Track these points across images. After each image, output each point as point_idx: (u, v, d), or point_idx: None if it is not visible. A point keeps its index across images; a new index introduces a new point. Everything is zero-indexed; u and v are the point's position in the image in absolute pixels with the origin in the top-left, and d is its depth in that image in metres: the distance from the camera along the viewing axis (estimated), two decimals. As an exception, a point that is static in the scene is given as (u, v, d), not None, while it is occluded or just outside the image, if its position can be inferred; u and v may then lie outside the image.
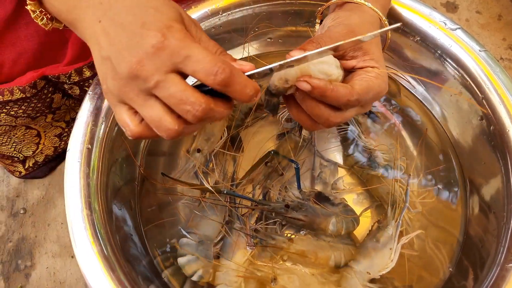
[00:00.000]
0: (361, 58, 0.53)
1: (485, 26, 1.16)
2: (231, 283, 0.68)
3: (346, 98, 0.49)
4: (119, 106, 0.44)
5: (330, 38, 0.50)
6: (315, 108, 0.50)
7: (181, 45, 0.40)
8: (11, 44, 0.69)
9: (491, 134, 0.68)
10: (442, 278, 0.71)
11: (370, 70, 0.52)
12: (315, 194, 0.75)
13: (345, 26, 0.53)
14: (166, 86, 0.40)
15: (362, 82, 0.50)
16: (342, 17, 0.55)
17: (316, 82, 0.46)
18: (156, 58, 0.40)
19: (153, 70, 0.40)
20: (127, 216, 0.71)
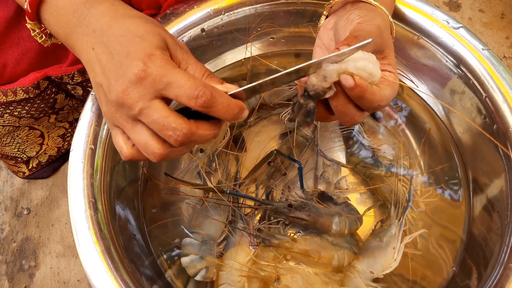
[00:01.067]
0: (381, 61, 0.52)
1: (488, 24, 1.16)
2: (234, 283, 0.68)
3: (378, 103, 0.48)
4: (114, 129, 0.47)
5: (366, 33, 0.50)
6: (344, 105, 0.49)
7: (162, 72, 0.41)
8: (14, 44, 0.69)
9: (495, 132, 0.67)
10: (445, 277, 0.70)
11: (388, 75, 0.52)
12: (318, 194, 0.75)
13: (376, 27, 0.51)
14: (149, 113, 0.42)
15: (388, 88, 0.50)
16: (370, 16, 0.54)
17: (360, 81, 0.45)
18: (139, 87, 0.41)
19: (137, 98, 0.42)
20: (131, 216, 0.71)
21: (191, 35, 0.76)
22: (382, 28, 0.52)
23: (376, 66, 0.47)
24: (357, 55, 0.46)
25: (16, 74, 0.71)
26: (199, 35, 0.77)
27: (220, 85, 0.46)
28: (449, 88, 0.75)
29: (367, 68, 0.46)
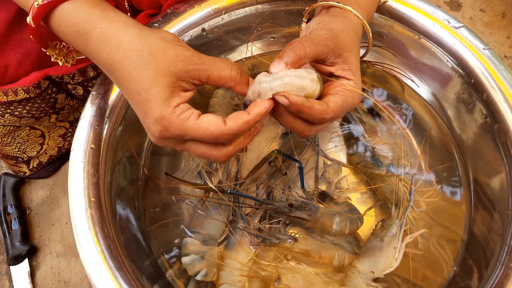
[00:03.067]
0: (340, 66, 0.53)
1: (489, 24, 1.16)
2: (235, 283, 0.68)
3: (321, 116, 0.49)
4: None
5: (312, 41, 0.50)
6: (290, 122, 0.51)
7: (181, 132, 0.46)
8: (15, 45, 0.69)
9: (496, 132, 0.67)
10: (446, 277, 0.70)
11: (346, 83, 0.52)
12: (318, 193, 0.75)
13: (328, 30, 0.52)
14: (189, 151, 0.50)
15: (337, 99, 0.51)
16: (326, 21, 0.55)
17: (294, 98, 0.47)
18: (168, 140, 0.48)
19: (172, 144, 0.49)
20: (131, 215, 0.71)
21: (192, 35, 0.76)
22: (337, 31, 0.53)
23: (305, 80, 0.47)
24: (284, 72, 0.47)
25: (18, 75, 0.71)
26: (199, 35, 0.77)
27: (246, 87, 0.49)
28: (450, 88, 0.75)
29: (295, 83, 0.47)
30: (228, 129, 0.46)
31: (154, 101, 0.45)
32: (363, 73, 0.84)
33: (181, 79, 0.46)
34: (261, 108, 0.47)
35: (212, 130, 0.46)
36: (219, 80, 0.48)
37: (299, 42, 0.50)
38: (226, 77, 0.48)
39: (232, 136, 0.46)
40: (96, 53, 0.49)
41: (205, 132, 0.46)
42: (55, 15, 0.49)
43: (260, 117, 0.47)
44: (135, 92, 0.47)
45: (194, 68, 0.46)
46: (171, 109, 0.45)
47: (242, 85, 0.49)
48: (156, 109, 0.45)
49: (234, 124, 0.46)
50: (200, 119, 0.46)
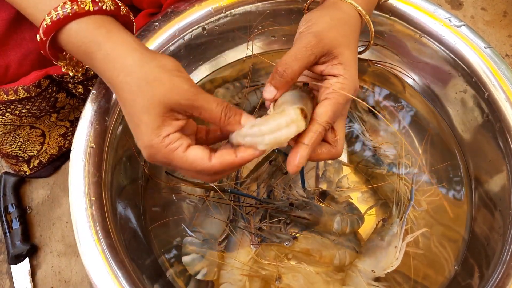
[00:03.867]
0: (330, 63, 0.53)
1: (490, 23, 1.15)
2: (236, 282, 0.68)
3: (323, 134, 0.50)
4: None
5: (296, 58, 0.50)
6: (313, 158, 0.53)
7: (164, 161, 0.48)
8: (16, 45, 0.69)
9: (497, 131, 0.67)
10: (447, 276, 0.70)
11: (334, 81, 0.52)
12: (319, 193, 0.75)
13: (314, 35, 0.52)
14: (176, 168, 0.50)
15: (327, 109, 0.50)
16: (313, 19, 0.54)
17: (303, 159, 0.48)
18: (157, 162, 0.50)
19: (162, 165, 0.51)
20: (132, 215, 0.71)
21: (192, 34, 0.76)
22: (324, 32, 0.52)
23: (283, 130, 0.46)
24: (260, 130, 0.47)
25: (19, 75, 0.71)
26: (200, 34, 0.77)
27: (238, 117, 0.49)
28: (451, 87, 0.75)
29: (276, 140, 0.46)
30: (212, 166, 0.47)
31: (145, 129, 0.47)
32: (364, 72, 0.84)
33: (174, 110, 0.47)
34: (249, 156, 0.48)
35: (196, 164, 0.47)
36: (209, 119, 0.49)
37: (283, 65, 0.50)
38: (216, 119, 0.49)
39: (213, 173, 0.48)
40: (100, 72, 0.51)
41: (190, 166, 0.48)
42: (63, 33, 0.50)
43: (245, 162, 0.48)
44: (129, 115, 0.49)
45: (187, 104, 0.47)
46: (160, 138, 0.47)
47: (231, 126, 0.49)
48: (145, 137, 0.47)
49: (218, 163, 0.47)
50: (187, 151, 0.48)
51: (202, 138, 0.54)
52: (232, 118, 0.49)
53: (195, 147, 0.48)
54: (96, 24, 0.50)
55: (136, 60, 0.48)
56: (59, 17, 0.49)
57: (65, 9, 0.49)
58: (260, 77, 0.86)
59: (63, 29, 0.50)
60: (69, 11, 0.49)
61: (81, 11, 0.49)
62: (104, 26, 0.50)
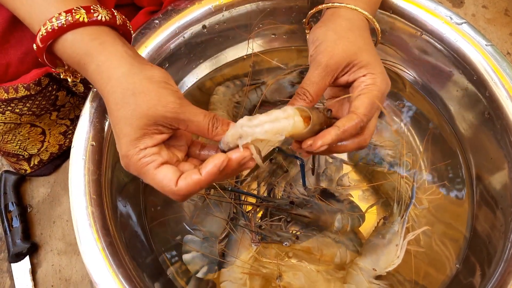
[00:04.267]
0: (351, 71, 0.54)
1: (491, 21, 1.15)
2: (236, 280, 0.68)
3: (358, 126, 0.50)
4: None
5: (312, 82, 0.53)
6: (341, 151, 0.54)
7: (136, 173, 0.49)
8: (17, 43, 0.69)
9: (498, 129, 0.67)
10: (448, 275, 0.70)
11: (364, 79, 0.53)
12: (320, 191, 0.75)
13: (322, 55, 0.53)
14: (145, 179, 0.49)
15: (363, 101, 0.51)
16: (319, 38, 0.55)
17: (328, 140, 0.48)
18: (130, 171, 0.49)
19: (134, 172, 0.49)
20: (132, 213, 0.71)
21: (192, 32, 0.76)
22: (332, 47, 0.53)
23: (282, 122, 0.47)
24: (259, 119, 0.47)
25: (19, 73, 0.71)
26: (200, 32, 0.77)
27: (226, 127, 0.48)
28: (452, 84, 0.75)
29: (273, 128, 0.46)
30: (178, 189, 0.46)
31: (124, 140, 0.47)
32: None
33: (158, 123, 0.47)
34: (212, 167, 0.45)
35: (163, 185, 0.47)
36: (197, 132, 0.49)
37: (303, 91, 0.52)
38: (203, 130, 0.48)
39: (181, 196, 0.47)
40: (92, 82, 0.52)
41: (156, 184, 0.47)
42: (58, 44, 0.51)
43: (212, 176, 0.46)
44: (113, 124, 0.49)
45: (172, 116, 0.47)
46: (136, 150, 0.47)
47: (219, 137, 0.49)
48: (123, 147, 0.48)
49: (184, 185, 0.46)
50: (157, 169, 0.47)
51: (195, 152, 0.53)
52: (220, 129, 0.49)
53: (167, 167, 0.47)
54: (91, 36, 0.50)
55: (125, 72, 0.48)
56: (53, 28, 0.49)
57: (59, 20, 0.49)
58: (260, 75, 0.85)
59: (59, 40, 0.50)
60: (64, 23, 0.49)
61: (75, 22, 0.49)
62: (99, 38, 0.50)
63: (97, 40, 0.50)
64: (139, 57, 0.51)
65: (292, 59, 0.86)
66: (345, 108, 0.57)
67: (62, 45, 0.50)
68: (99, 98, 0.65)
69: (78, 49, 0.50)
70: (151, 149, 0.47)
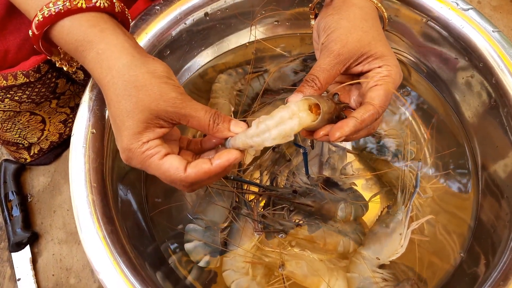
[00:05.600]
0: (366, 61, 0.53)
1: (497, 8, 1.14)
2: (239, 269, 0.67)
3: (374, 117, 0.50)
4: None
5: (322, 70, 0.52)
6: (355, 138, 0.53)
7: (139, 166, 0.49)
8: (15, 30, 0.68)
9: (504, 116, 0.66)
10: (453, 264, 0.70)
11: (379, 70, 0.52)
12: (323, 180, 0.75)
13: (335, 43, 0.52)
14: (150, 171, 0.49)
15: (379, 92, 0.51)
16: (332, 26, 0.54)
17: (346, 131, 0.48)
18: (132, 164, 0.49)
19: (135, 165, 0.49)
20: (134, 201, 0.70)
21: (194, 19, 0.75)
22: (345, 36, 0.53)
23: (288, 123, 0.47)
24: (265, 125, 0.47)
25: (18, 60, 0.70)
26: (202, 19, 0.76)
27: (227, 124, 0.49)
28: (458, 72, 0.74)
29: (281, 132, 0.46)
30: (186, 177, 0.47)
31: (126, 133, 0.47)
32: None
33: (159, 117, 0.47)
34: (224, 161, 0.47)
35: (170, 174, 0.47)
36: (198, 127, 0.49)
37: (313, 77, 0.51)
38: (204, 126, 0.48)
39: (189, 184, 0.48)
40: (90, 70, 0.51)
41: (163, 174, 0.47)
42: (55, 30, 0.50)
43: (222, 169, 0.47)
44: (113, 117, 0.48)
45: (174, 111, 0.47)
46: (139, 144, 0.47)
47: (220, 133, 0.49)
48: (125, 140, 0.47)
49: (193, 173, 0.47)
50: (162, 160, 0.47)
51: (183, 147, 0.54)
52: (221, 125, 0.48)
53: (172, 156, 0.48)
54: (89, 23, 0.49)
55: (126, 63, 0.48)
56: (50, 14, 0.48)
57: (57, 5, 0.48)
58: (263, 63, 0.84)
59: (56, 26, 0.49)
60: (61, 8, 0.48)
61: (73, 8, 0.48)
62: (98, 25, 0.50)
63: (96, 27, 0.49)
64: (139, 48, 0.51)
65: (295, 46, 0.85)
66: (352, 95, 0.56)
67: (59, 31, 0.49)
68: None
69: (76, 35, 0.49)
70: (154, 142, 0.47)
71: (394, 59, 0.54)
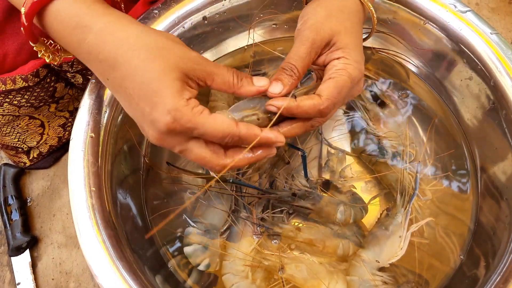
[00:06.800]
0: (329, 50, 0.53)
1: (495, 10, 1.14)
2: (238, 272, 0.67)
3: (316, 108, 0.49)
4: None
5: (298, 56, 0.51)
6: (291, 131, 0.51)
7: (191, 125, 0.45)
8: (14, 34, 0.68)
9: (503, 118, 0.66)
10: (452, 267, 0.69)
11: (336, 63, 0.51)
12: (322, 182, 0.74)
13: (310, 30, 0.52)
14: (187, 153, 0.48)
15: (329, 85, 0.50)
16: (309, 14, 0.54)
17: (279, 104, 0.48)
18: (173, 136, 0.46)
19: (174, 143, 0.47)
20: (133, 205, 0.70)
21: (192, 22, 0.75)
22: (320, 23, 0.52)
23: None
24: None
25: (17, 64, 0.70)
26: (200, 23, 0.76)
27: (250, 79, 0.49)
28: (456, 74, 0.74)
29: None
30: (238, 130, 0.46)
31: (166, 92, 0.44)
32: (368, 60, 0.83)
33: (189, 76, 0.46)
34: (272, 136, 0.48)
35: (224, 127, 0.46)
36: (223, 84, 0.48)
37: (291, 66, 0.50)
38: (229, 83, 0.48)
39: (239, 139, 0.47)
40: (95, 47, 0.47)
41: (216, 129, 0.45)
42: (50, 9, 0.47)
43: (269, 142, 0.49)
44: (143, 84, 0.45)
45: (200, 68, 0.46)
46: (185, 101, 0.45)
47: (244, 88, 0.49)
48: (169, 100, 0.44)
49: (245, 129, 0.47)
50: (213, 115, 0.46)
51: None
52: (245, 81, 0.49)
53: (219, 113, 0.48)
54: (86, 3, 0.47)
55: (141, 30, 0.47)
56: None
57: None
58: (261, 65, 0.85)
59: (51, 4, 0.47)
60: None
61: None
62: (99, 2, 0.48)
63: (99, 3, 0.48)
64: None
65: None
66: None
67: (56, 8, 0.47)
68: (98, 89, 0.64)
69: (78, 9, 0.47)
70: (195, 100, 0.46)
71: (356, 52, 0.52)
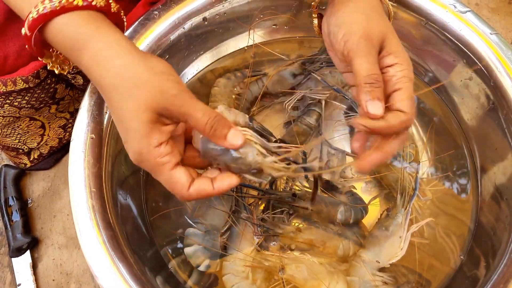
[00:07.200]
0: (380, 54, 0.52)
1: (495, 10, 1.14)
2: (239, 273, 0.67)
3: (405, 125, 0.48)
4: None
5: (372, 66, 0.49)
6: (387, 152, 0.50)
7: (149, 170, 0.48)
8: (15, 36, 0.68)
9: (503, 118, 0.66)
10: (453, 267, 0.70)
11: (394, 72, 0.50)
12: (323, 183, 0.74)
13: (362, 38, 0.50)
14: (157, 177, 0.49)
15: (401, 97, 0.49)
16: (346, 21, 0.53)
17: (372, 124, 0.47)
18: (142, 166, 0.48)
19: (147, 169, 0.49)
20: (133, 206, 0.70)
21: (192, 23, 0.75)
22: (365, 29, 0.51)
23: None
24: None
25: (18, 66, 0.70)
26: (200, 24, 0.76)
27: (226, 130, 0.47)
28: (456, 74, 0.74)
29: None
30: (188, 195, 0.48)
31: (134, 136, 0.46)
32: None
33: (162, 115, 0.47)
34: (225, 186, 0.49)
35: (175, 187, 0.48)
36: (196, 127, 0.48)
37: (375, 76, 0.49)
38: (200, 128, 0.47)
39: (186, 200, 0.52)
40: (87, 71, 0.49)
41: (170, 185, 0.48)
42: (49, 28, 0.48)
43: (221, 193, 0.49)
44: (117, 118, 0.48)
45: (175, 109, 0.46)
46: (150, 148, 0.46)
47: (215, 139, 0.48)
48: (135, 144, 0.46)
49: (195, 194, 0.48)
50: (172, 171, 0.47)
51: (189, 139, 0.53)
52: (218, 131, 0.47)
53: (180, 170, 0.48)
54: (84, 21, 0.48)
55: (125, 62, 0.47)
56: (45, 11, 0.47)
57: (52, 2, 0.47)
58: (261, 66, 0.85)
59: (50, 24, 0.48)
60: (57, 5, 0.46)
61: (69, 5, 0.47)
62: (93, 22, 0.49)
63: (92, 24, 0.48)
64: (136, 47, 0.50)
65: (294, 50, 0.86)
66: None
67: (54, 29, 0.48)
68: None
69: (72, 32, 0.48)
70: (165, 148, 0.47)
71: (405, 53, 0.52)
